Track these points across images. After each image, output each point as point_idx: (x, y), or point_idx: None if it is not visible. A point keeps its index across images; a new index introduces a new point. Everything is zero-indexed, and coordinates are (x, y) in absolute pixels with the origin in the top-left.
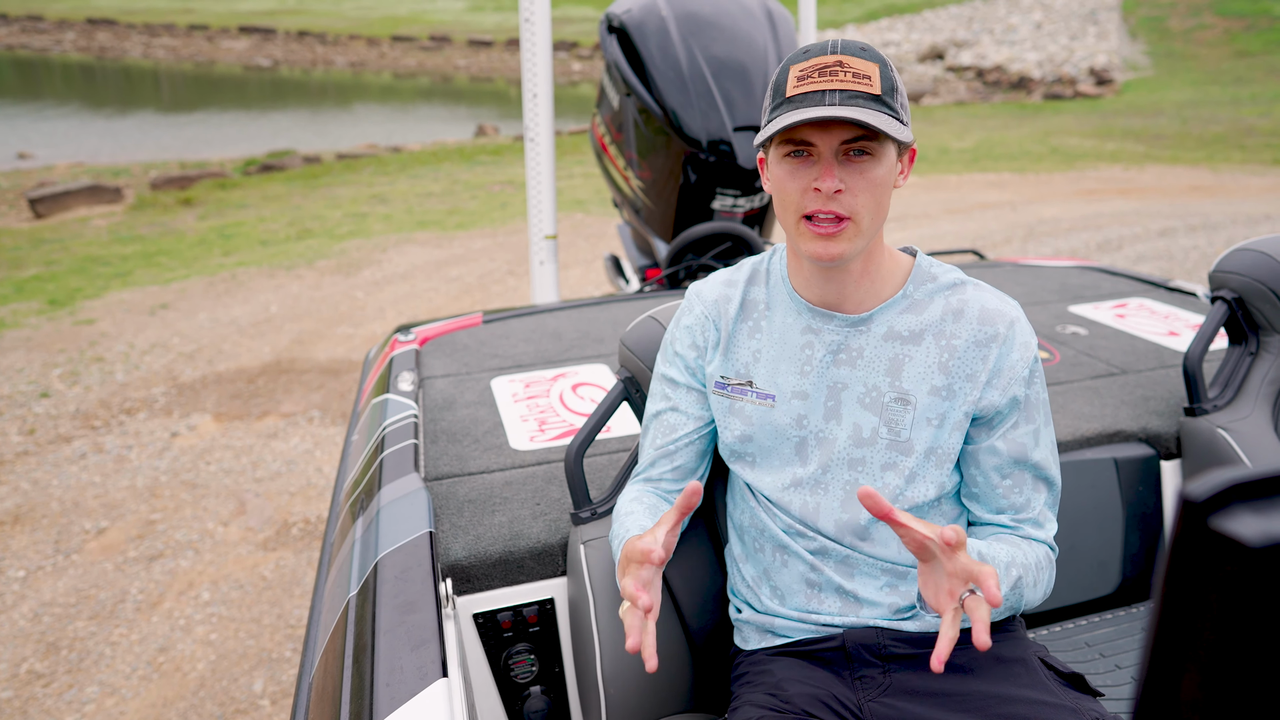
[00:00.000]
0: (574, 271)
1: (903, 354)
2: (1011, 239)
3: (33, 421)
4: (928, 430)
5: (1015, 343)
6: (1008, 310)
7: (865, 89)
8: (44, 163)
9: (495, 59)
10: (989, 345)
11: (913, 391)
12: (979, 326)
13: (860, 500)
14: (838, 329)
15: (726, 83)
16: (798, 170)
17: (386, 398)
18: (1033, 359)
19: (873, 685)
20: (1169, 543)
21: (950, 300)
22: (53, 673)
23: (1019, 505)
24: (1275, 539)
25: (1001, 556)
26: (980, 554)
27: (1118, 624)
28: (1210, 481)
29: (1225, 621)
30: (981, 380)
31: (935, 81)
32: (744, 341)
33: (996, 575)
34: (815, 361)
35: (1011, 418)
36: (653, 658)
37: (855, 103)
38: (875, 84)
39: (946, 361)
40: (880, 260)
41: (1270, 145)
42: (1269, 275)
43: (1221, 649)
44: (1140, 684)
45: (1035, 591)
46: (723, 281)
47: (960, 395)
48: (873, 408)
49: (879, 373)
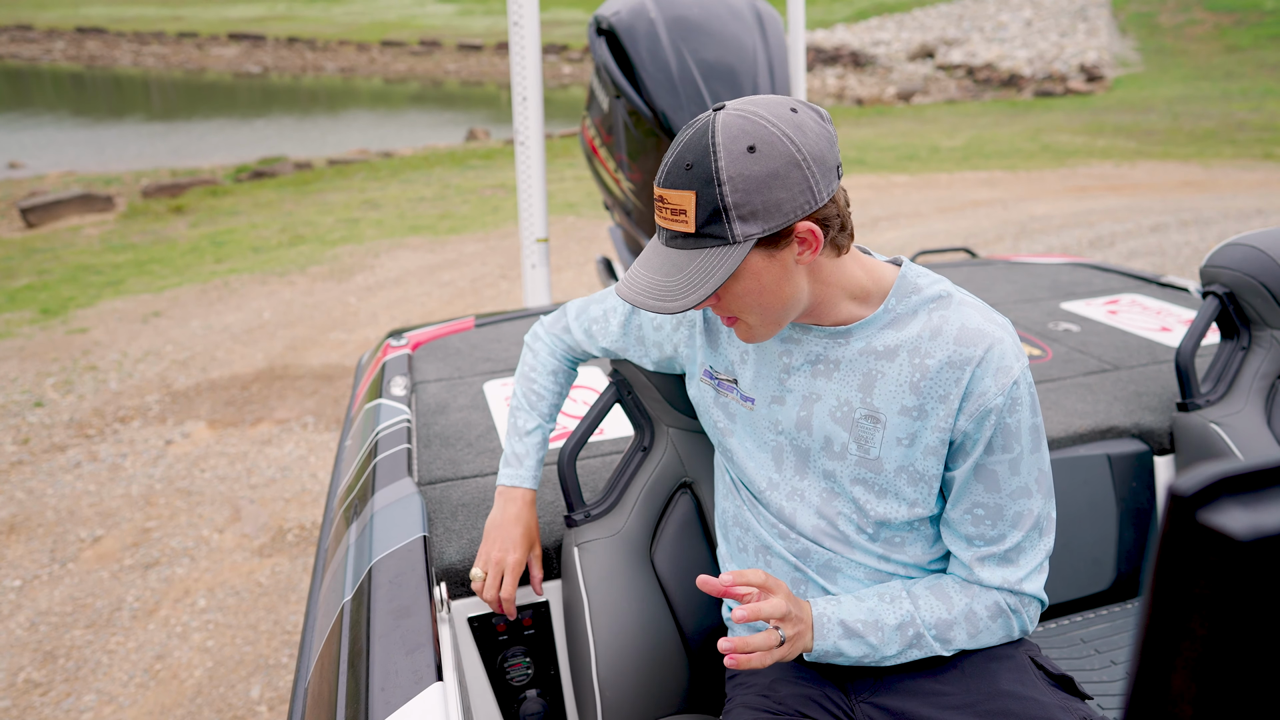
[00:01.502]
0: (566, 274)
1: (876, 370)
2: (1003, 237)
3: (27, 431)
4: (898, 450)
5: (990, 367)
6: (990, 331)
7: (680, 228)
8: (35, 172)
9: (485, 63)
10: (963, 368)
11: (883, 410)
12: (955, 348)
13: (699, 586)
14: (816, 339)
15: (716, 85)
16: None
17: (379, 403)
18: (1011, 385)
19: (863, 685)
20: (1159, 537)
21: (931, 316)
22: (50, 681)
23: (988, 538)
24: (1263, 532)
25: (889, 619)
26: (867, 616)
27: (1113, 620)
28: (1198, 476)
29: (1215, 615)
30: (954, 404)
31: (926, 80)
32: (734, 340)
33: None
34: (794, 370)
35: (982, 444)
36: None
37: (675, 244)
38: (689, 219)
39: (918, 381)
40: (841, 291)
41: (1261, 140)
42: (1260, 270)
43: (1212, 642)
44: (1132, 677)
45: (981, 638)
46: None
47: (932, 416)
48: (843, 423)
49: (851, 387)
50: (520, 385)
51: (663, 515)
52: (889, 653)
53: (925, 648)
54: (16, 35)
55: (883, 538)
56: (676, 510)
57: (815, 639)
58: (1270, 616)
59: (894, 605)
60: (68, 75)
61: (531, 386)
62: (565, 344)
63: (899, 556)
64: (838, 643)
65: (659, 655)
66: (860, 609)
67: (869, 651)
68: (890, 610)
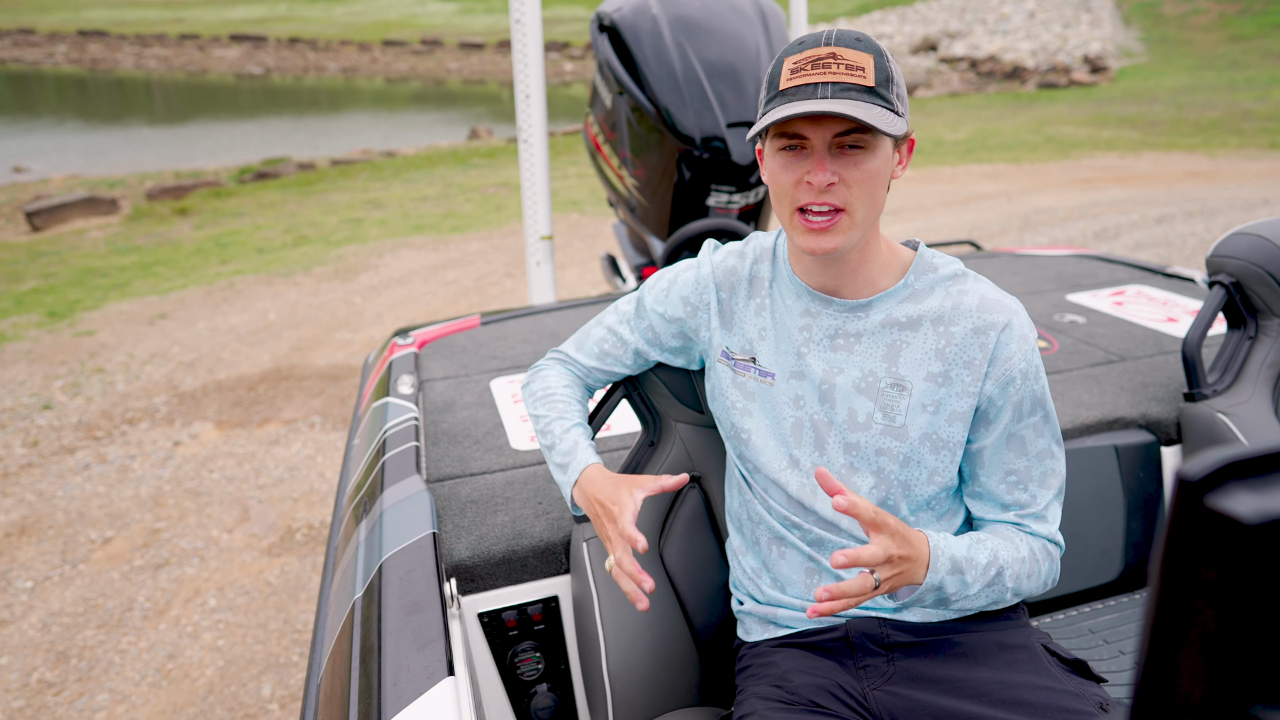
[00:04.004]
0: (571, 272)
1: (900, 340)
2: (1008, 229)
3: (36, 433)
4: (923, 416)
5: (1014, 333)
6: (1008, 303)
7: (858, 81)
8: (39, 176)
9: (487, 61)
10: (987, 333)
11: (909, 377)
12: (978, 315)
13: (816, 479)
14: (836, 314)
15: (718, 81)
16: (791, 163)
17: (387, 401)
18: (1031, 351)
19: (876, 674)
20: (1167, 522)
21: (950, 290)
22: (63, 681)
23: (1023, 502)
24: (1271, 516)
25: (980, 558)
26: (966, 552)
27: (1121, 610)
28: (1206, 461)
29: (1223, 599)
30: (981, 369)
31: (928, 73)
32: (750, 318)
33: (865, 583)
34: (813, 344)
35: (1010, 409)
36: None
37: (847, 95)
38: (869, 75)
39: (944, 348)
40: (877, 251)
41: (1267, 129)
42: (1266, 259)
43: (1220, 625)
44: (1140, 663)
45: (1031, 583)
46: (735, 252)
47: (957, 382)
48: (868, 393)
49: (875, 358)
50: (538, 409)
51: (671, 510)
52: (973, 592)
53: (998, 589)
54: (19, 39)
55: (902, 512)
56: (685, 505)
57: (928, 573)
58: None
59: (981, 544)
60: (70, 79)
61: (551, 402)
62: (571, 372)
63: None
64: (944, 578)
65: (669, 649)
66: (960, 545)
67: (960, 589)
68: (979, 549)
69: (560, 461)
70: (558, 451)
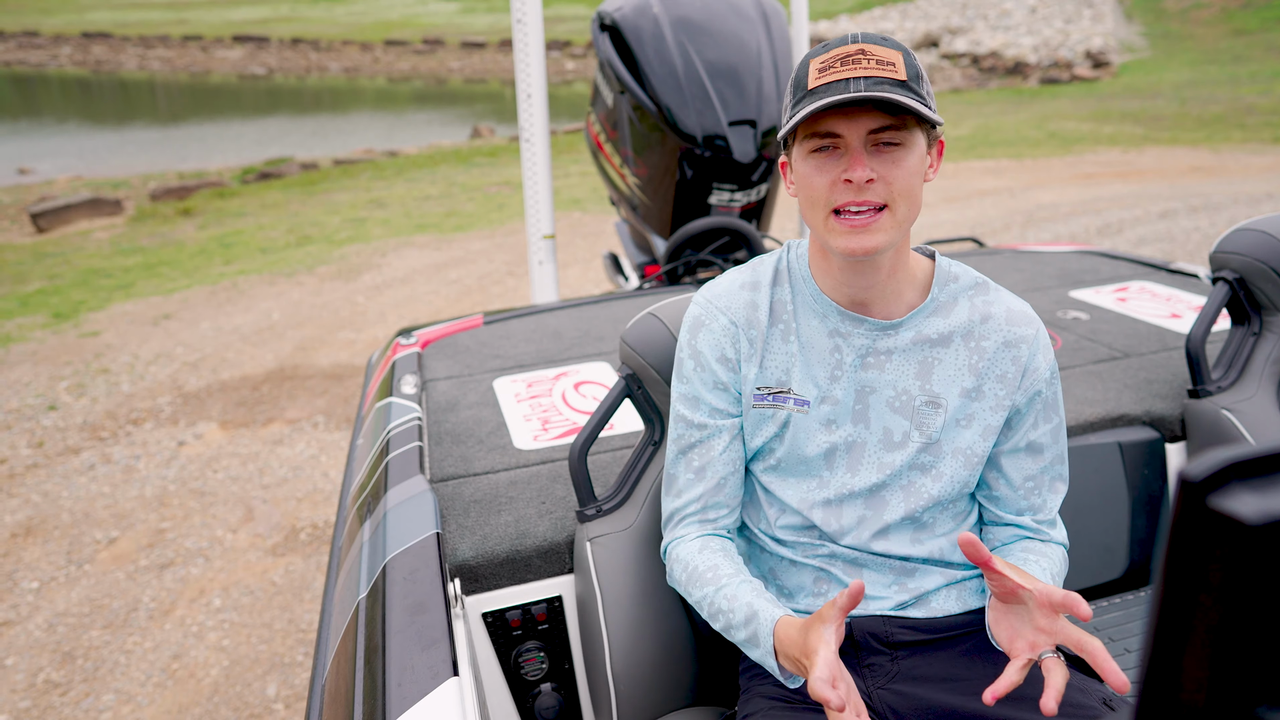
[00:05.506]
0: (573, 270)
1: (932, 357)
2: (1010, 225)
3: (41, 434)
4: (957, 431)
5: (1041, 345)
6: (1031, 313)
7: (890, 75)
8: (44, 177)
9: (489, 60)
10: (1018, 346)
11: (943, 394)
12: (1008, 328)
13: (960, 547)
14: (866, 333)
15: (720, 80)
16: (825, 164)
17: (390, 401)
18: (1052, 359)
19: (881, 673)
20: (1170, 522)
21: (975, 302)
22: (69, 682)
23: (1037, 506)
24: (1274, 517)
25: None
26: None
27: (1125, 608)
28: (1208, 461)
29: (1227, 599)
30: (1014, 382)
31: (930, 69)
32: (778, 347)
33: (1106, 652)
34: (845, 365)
35: (1032, 417)
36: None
37: (881, 88)
38: (900, 70)
39: (976, 363)
40: (907, 258)
41: (1270, 124)
42: (1271, 255)
43: (1224, 626)
44: (1144, 662)
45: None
46: (742, 285)
47: (990, 396)
48: (903, 411)
49: (909, 376)
50: (693, 594)
51: None
52: None
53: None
54: (24, 41)
55: (924, 520)
56: None
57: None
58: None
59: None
60: (74, 80)
61: (698, 581)
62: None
63: (926, 536)
64: None
65: (672, 648)
66: (1036, 573)
67: None
68: (1037, 568)
69: (746, 639)
70: (737, 629)
